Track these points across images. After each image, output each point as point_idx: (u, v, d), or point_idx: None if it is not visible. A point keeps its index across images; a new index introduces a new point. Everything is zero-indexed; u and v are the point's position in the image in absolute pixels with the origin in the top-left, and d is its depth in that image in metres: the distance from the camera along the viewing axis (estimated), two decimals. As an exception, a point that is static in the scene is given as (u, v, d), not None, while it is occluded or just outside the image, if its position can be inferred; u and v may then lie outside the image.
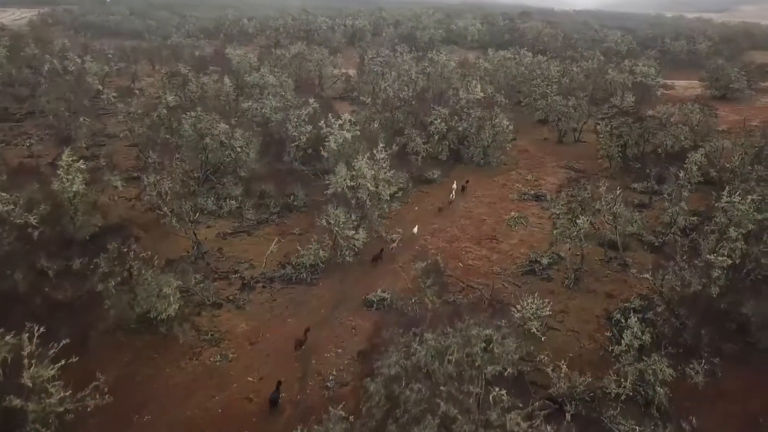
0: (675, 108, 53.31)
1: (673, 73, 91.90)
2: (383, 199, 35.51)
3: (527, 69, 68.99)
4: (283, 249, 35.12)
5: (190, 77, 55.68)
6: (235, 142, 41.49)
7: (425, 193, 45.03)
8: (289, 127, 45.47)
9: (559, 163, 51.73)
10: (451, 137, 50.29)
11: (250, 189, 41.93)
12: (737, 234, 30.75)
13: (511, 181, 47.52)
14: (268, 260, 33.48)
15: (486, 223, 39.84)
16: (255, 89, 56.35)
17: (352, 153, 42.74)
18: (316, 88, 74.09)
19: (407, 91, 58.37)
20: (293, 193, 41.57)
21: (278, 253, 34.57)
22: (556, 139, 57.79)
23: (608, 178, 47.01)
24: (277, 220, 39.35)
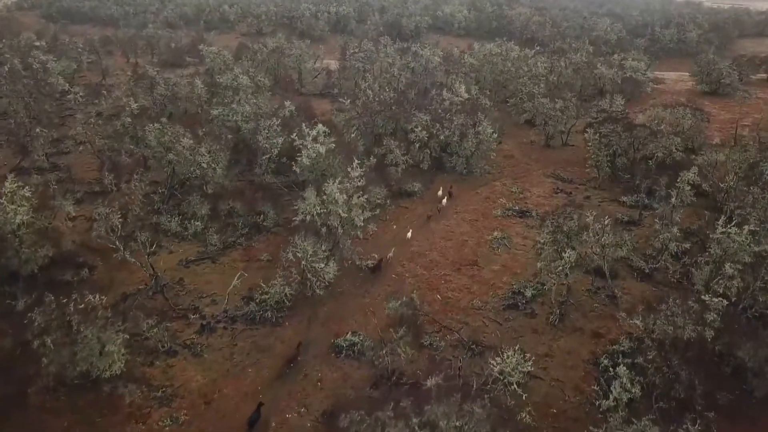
0: (666, 112, 50.68)
1: (663, 63, 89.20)
2: (357, 225, 32.76)
3: (513, 66, 65.95)
4: (249, 279, 32.43)
5: (158, 79, 52.24)
6: (201, 158, 38.47)
7: (405, 208, 42.36)
8: (259, 138, 42.49)
9: (546, 171, 49.11)
10: (432, 145, 47.51)
11: (217, 207, 39.09)
12: (734, 271, 28.39)
13: (494, 193, 44.89)
14: (231, 295, 30.76)
15: (467, 245, 37.27)
16: (228, 91, 53.09)
17: (327, 167, 40.04)
18: (295, 85, 70.91)
19: (388, 92, 55.31)
20: (263, 212, 38.77)
21: (244, 284, 31.90)
22: (543, 143, 55.07)
23: (596, 189, 44.76)
24: (245, 243, 36.59)
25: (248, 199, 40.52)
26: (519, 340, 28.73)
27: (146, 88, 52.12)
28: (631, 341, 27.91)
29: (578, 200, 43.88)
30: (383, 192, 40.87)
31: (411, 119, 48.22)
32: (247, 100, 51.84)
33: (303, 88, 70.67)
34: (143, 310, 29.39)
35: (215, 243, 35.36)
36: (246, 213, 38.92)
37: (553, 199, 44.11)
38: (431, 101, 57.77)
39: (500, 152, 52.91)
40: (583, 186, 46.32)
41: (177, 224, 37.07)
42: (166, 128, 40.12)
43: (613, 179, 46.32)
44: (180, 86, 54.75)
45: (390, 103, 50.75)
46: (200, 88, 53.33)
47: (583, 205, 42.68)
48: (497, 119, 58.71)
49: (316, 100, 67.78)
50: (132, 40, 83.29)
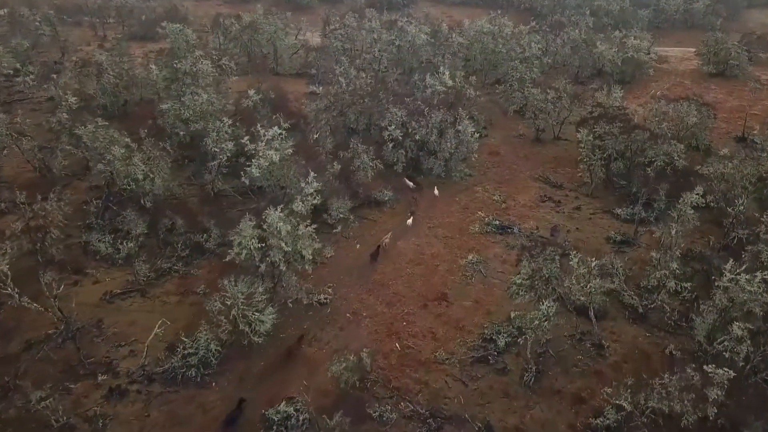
0: (669, 107, 44.92)
1: (667, 37, 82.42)
2: (305, 258, 27.69)
3: (505, 47, 59.63)
4: (180, 318, 27.67)
5: (105, 66, 46.33)
6: (135, 168, 33.20)
7: (372, 221, 37.15)
8: (208, 141, 37.08)
9: (534, 173, 43.67)
10: (408, 144, 42.02)
11: (157, 223, 33.96)
12: (743, 332, 23.45)
13: (475, 201, 39.60)
14: (151, 346, 25.96)
15: (438, 273, 32.26)
16: (187, 78, 47.30)
17: (281, 177, 34.79)
18: (270, 64, 64.82)
19: (365, 78, 49.49)
20: (208, 229, 33.66)
21: (172, 328, 27.14)
22: (533, 137, 49.42)
23: (588, 197, 39.50)
24: (183, 269, 31.63)
25: (193, 212, 35.43)
26: (486, 407, 24.08)
27: (92, 75, 46.21)
28: (619, 413, 23.13)
29: (567, 210, 38.72)
30: (346, 205, 35.60)
31: (385, 114, 42.58)
32: (205, 89, 46.29)
33: (279, 68, 64.53)
34: (49, 364, 24.76)
35: (144, 274, 30.19)
36: (188, 230, 33.83)
37: (540, 209, 38.87)
38: (413, 88, 52.25)
39: (485, 148, 47.37)
40: (573, 192, 40.98)
41: (108, 245, 32.03)
42: (98, 131, 34.69)
43: (607, 185, 40.96)
44: (137, 70, 48.93)
45: (363, 95, 44.97)
46: (156, 73, 47.42)
47: (572, 217, 37.70)
48: (485, 108, 53.23)
49: (292, 81, 61.80)
50: (101, 10, 76.67)
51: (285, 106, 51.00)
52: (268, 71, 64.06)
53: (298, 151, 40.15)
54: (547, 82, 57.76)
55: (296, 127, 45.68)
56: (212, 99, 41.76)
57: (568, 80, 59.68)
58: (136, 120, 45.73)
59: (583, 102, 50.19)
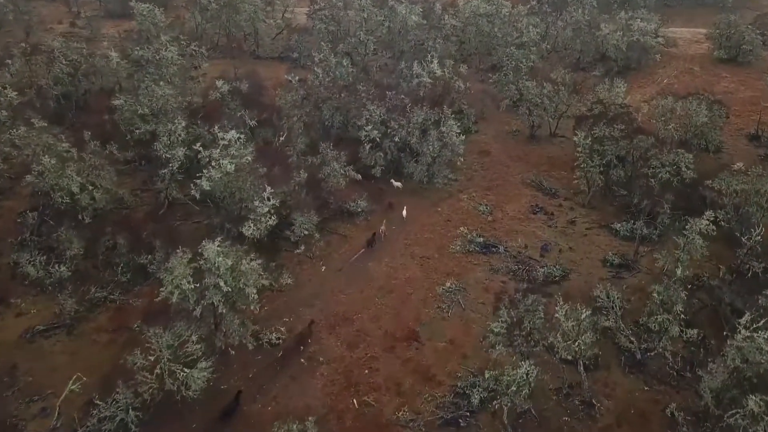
0: (678, 104, 40.03)
1: (677, 15, 76.59)
2: (250, 298, 23.49)
3: (501, 31, 54.40)
4: (107, 362, 23.69)
5: (57, 54, 41.49)
6: (70, 182, 28.89)
7: (342, 237, 32.85)
8: (158, 146, 32.63)
9: (526, 177, 39.10)
10: (388, 145, 37.45)
11: (97, 241, 29.75)
12: (760, 407, 19.28)
13: (458, 212, 35.21)
14: (64, 405, 21.95)
15: (410, 302, 28.10)
16: (150, 67, 42.59)
17: (236, 190, 30.43)
18: (250, 46, 59.80)
19: (345, 67, 44.70)
20: (153, 250, 29.44)
21: (97, 373, 23.15)
22: (528, 133, 44.67)
23: (584, 207, 35.01)
24: (120, 298, 27.54)
25: (141, 226, 31.20)
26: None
27: (44, 63, 41.45)
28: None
29: (561, 224, 34.33)
30: (312, 220, 31.24)
31: (363, 112, 37.92)
32: (170, 79, 41.69)
33: (260, 50, 59.50)
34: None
35: (72, 307, 26.08)
36: (132, 249, 29.60)
37: (530, 222, 34.47)
38: (399, 77, 47.43)
39: (475, 146, 42.80)
40: (568, 202, 36.52)
41: (40, 267, 27.91)
42: (32, 135, 30.31)
43: (605, 194, 36.47)
44: (97, 57, 44.23)
45: (340, 88, 40.23)
46: (116, 61, 42.67)
47: (565, 233, 33.31)
48: (477, 99, 48.37)
49: (272, 65, 56.89)
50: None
51: (259, 97, 46.37)
52: (249, 54, 59.16)
53: (263, 155, 35.86)
54: (546, 70, 53.03)
55: (268, 123, 41.17)
56: (170, 94, 36.87)
57: (569, 67, 55.02)
58: (93, 114, 41.35)
59: (583, 94, 45.37)
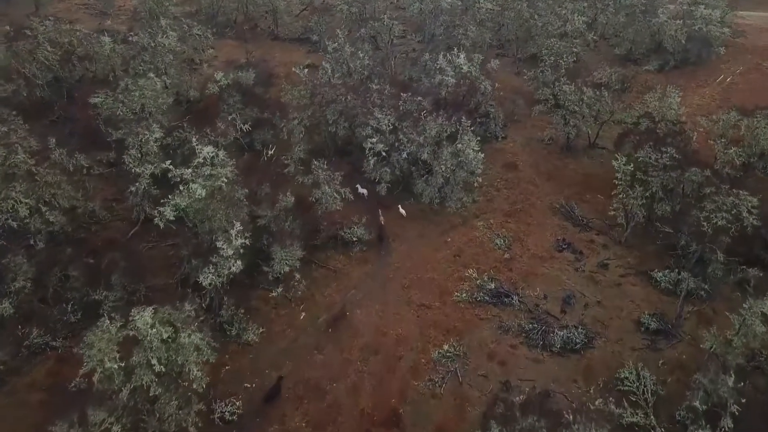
0: (742, 121, 33.27)
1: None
2: (193, 377, 19.01)
3: (541, 19, 47.52)
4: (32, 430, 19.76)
5: (41, 39, 37.02)
6: (16, 204, 24.70)
7: (332, 272, 27.99)
8: (126, 159, 28.12)
9: (555, 201, 33.27)
10: (396, 159, 32.09)
11: (49, 270, 25.63)
12: None
13: (470, 245, 29.86)
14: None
15: (398, 370, 23.29)
16: (145, 54, 37.93)
17: (206, 219, 25.75)
18: (267, 25, 54.42)
19: (362, 59, 39.14)
20: (112, 283, 25.24)
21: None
22: (563, 143, 38.45)
23: (620, 246, 29.23)
24: (63, 346, 23.51)
25: (105, 248, 27.03)
26: None
27: (26, 52, 37.08)
28: None
29: (590, 267, 28.66)
30: (295, 254, 26.37)
31: (370, 118, 32.53)
32: (166, 69, 37.09)
33: (278, 30, 54.07)
34: None
35: (3, 357, 22.15)
36: (89, 281, 25.44)
37: (554, 263, 28.90)
38: (421, 71, 41.59)
39: (500, 155, 37.06)
40: (602, 237, 30.68)
41: (-20, 300, 24.01)
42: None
43: (646, 231, 30.41)
44: (92, 43, 39.75)
45: (346, 90, 34.76)
46: (108, 46, 38.14)
47: (595, 279, 27.69)
48: (508, 97, 42.17)
49: (290, 49, 51.67)
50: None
51: (266, 89, 41.37)
52: (267, 35, 53.90)
53: (252, 168, 31.16)
54: (591, 64, 46.40)
55: (266, 124, 36.22)
56: (152, 93, 32.14)
57: (618, 59, 48.46)
58: (84, 105, 36.97)
59: (629, 100, 38.87)
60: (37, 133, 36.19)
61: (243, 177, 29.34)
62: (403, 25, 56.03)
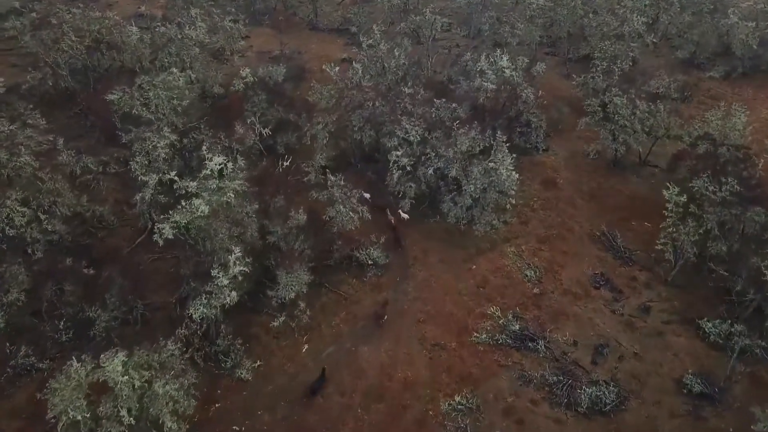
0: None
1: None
2: (168, 428, 17.00)
3: (595, 19, 43.17)
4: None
5: (65, 28, 35.29)
6: (11, 213, 23.16)
7: (342, 298, 25.61)
8: (133, 166, 26.22)
9: (595, 227, 29.91)
10: (423, 173, 29.23)
11: (44, 282, 24.11)
12: None
13: (496, 275, 26.95)
14: None
15: (402, 421, 20.84)
16: (171, 46, 35.94)
17: (208, 238, 23.64)
18: (308, 14, 51.75)
19: (397, 58, 36.14)
20: (105, 300, 23.53)
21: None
22: (610, 158, 34.74)
23: (666, 286, 25.87)
24: (49, 368, 21.95)
25: (106, 259, 25.45)
26: None
27: (50, 42, 35.52)
28: None
29: (630, 310, 25.39)
30: (301, 278, 24.05)
31: (397, 128, 29.73)
32: (191, 63, 35.08)
33: (317, 20, 51.38)
34: None
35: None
36: (85, 296, 23.82)
37: (588, 302, 25.74)
38: (460, 73, 38.39)
39: (539, 169, 33.77)
40: (645, 274, 27.24)
41: (-29, 314, 22.69)
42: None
43: (697, 271, 26.78)
44: (121, 31, 37.99)
45: (375, 95, 31.98)
46: (135, 36, 36.30)
47: (634, 325, 24.46)
48: (553, 105, 38.56)
49: (327, 40, 48.98)
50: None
51: (296, 85, 39.17)
52: (305, 24, 51.30)
53: (268, 176, 28.95)
54: (647, 70, 42.12)
55: (290, 126, 33.91)
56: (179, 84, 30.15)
57: (680, 63, 44.07)
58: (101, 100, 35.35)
59: (689, 112, 34.70)
60: (60, 125, 35.47)
61: (257, 187, 27.26)
62: (448, 18, 52.79)
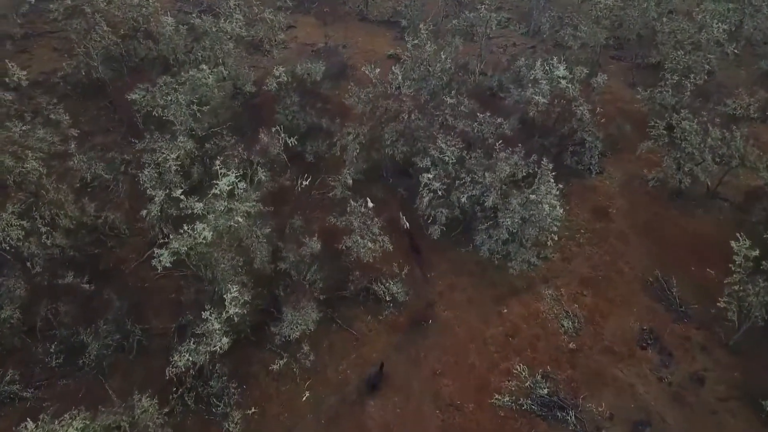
0: None
1: None
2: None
3: (670, 23, 38.20)
4: None
5: (97, 18, 33.36)
6: (7, 227, 21.49)
7: (353, 338, 23.02)
8: (142, 177, 24.18)
9: (648, 271, 26.08)
10: (457, 198, 26.07)
11: (41, 299, 22.59)
12: None
13: (530, 322, 23.74)
14: None
15: (401, 497, 18.18)
16: (205, 40, 33.71)
17: (209, 266, 21.48)
18: (358, 4, 48.60)
19: (443, 61, 32.76)
20: (100, 325, 21.78)
21: None
22: (673, 187, 30.53)
23: (725, 351, 22.32)
24: (34, 397, 20.38)
25: (106, 279, 23.61)
26: None
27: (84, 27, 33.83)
28: None
29: (678, 378, 21.80)
30: (309, 318, 21.59)
31: (431, 147, 26.63)
32: (225, 57, 32.79)
33: (368, 9, 48.16)
34: None
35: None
36: (81, 316, 22.16)
37: (631, 364, 22.26)
38: (515, 79, 34.78)
39: (590, 197, 30.02)
40: (702, 333, 23.44)
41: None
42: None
43: (766, 338, 22.80)
44: (158, 21, 36.03)
45: (411, 107, 28.84)
46: (169, 27, 34.25)
47: (682, 398, 20.96)
48: (614, 119, 34.50)
49: (376, 32, 45.80)
50: None
51: (335, 83, 36.42)
52: (355, 14, 48.17)
53: (289, 191, 26.53)
54: (725, 82, 37.40)
55: (320, 132, 31.34)
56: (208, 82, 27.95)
57: (761, 77, 39.13)
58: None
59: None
60: (89, 117, 34.17)
61: (273, 206, 24.88)
62: (507, 13, 48.69)
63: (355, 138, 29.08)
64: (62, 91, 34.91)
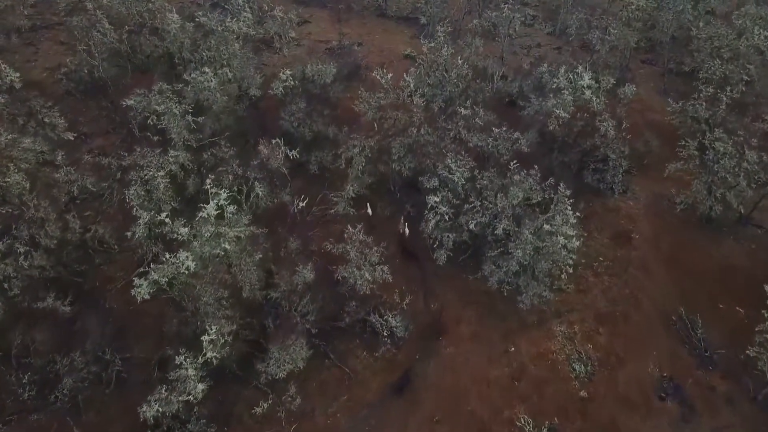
0: None
1: None
2: None
3: (707, 29, 35.10)
4: None
5: (98, 15, 31.33)
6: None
7: (346, 376, 21.22)
8: (128, 195, 22.51)
9: (671, 307, 23.74)
10: (466, 222, 23.92)
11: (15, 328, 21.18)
12: None
13: (539, 364, 21.68)
14: None
15: None
16: (211, 39, 31.78)
17: (190, 298, 19.82)
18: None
19: (460, 67, 30.35)
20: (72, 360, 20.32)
21: None
22: (702, 214, 27.88)
23: (752, 404, 19.98)
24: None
25: (88, 303, 22.12)
26: None
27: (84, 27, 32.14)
28: None
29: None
30: (297, 356, 19.84)
31: (440, 166, 24.49)
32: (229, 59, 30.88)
33: (387, 5, 45.69)
34: None
35: None
36: (57, 345, 20.74)
37: (649, 418, 20.13)
38: (535, 86, 32.33)
39: (612, 220, 27.62)
40: (728, 383, 21.15)
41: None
42: None
43: (800, 393, 20.48)
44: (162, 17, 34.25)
45: (422, 120, 26.64)
46: (175, 25, 32.37)
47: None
48: (641, 133, 31.91)
49: (395, 30, 43.47)
50: None
51: (346, 85, 34.25)
52: (373, 10, 45.72)
53: (282, 208, 24.69)
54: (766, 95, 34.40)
55: (327, 141, 29.38)
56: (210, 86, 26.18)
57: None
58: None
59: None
60: (89, 117, 32.67)
61: (272, 220, 23.15)
62: (533, 10, 45.87)
63: (362, 151, 27.02)
64: (64, 88, 33.44)
